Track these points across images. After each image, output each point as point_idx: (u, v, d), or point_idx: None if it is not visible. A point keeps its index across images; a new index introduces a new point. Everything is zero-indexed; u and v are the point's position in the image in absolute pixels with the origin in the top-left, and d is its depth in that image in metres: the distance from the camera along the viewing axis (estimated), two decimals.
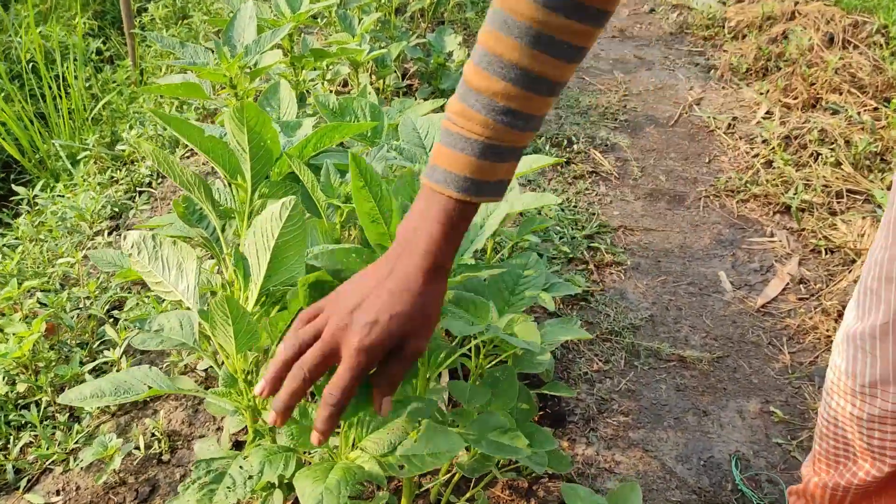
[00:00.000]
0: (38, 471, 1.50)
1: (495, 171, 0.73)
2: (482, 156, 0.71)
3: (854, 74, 3.05)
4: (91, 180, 2.52)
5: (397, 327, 0.69)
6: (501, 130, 0.71)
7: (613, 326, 1.95)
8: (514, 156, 0.74)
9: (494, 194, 0.74)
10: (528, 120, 0.72)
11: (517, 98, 0.70)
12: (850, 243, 2.23)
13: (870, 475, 1.15)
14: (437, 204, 0.73)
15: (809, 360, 1.87)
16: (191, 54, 1.62)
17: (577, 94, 3.28)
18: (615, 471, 1.54)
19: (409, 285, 0.71)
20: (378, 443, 0.83)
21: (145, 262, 0.89)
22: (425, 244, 0.72)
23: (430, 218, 0.73)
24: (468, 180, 0.72)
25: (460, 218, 0.73)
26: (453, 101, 0.73)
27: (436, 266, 0.72)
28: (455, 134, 0.72)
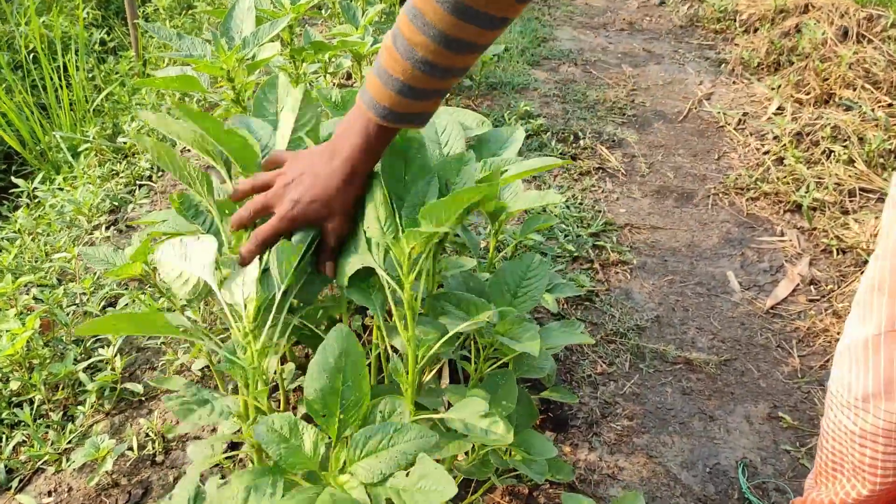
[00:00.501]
0: (31, 471, 1.48)
1: (413, 105, 0.87)
2: (400, 92, 0.85)
3: (868, 69, 2.99)
4: (91, 173, 2.49)
5: (313, 211, 0.93)
6: (419, 76, 0.83)
7: (618, 328, 1.90)
8: (433, 95, 0.87)
9: (412, 123, 0.90)
10: (446, 71, 0.84)
11: (434, 52, 0.81)
12: (862, 243, 2.18)
13: (861, 495, 1.11)
14: (361, 121, 0.90)
15: (819, 364, 1.82)
16: (188, 46, 1.59)
17: (585, 88, 3.22)
18: (618, 477, 1.50)
19: (329, 181, 0.92)
20: (369, 470, 0.79)
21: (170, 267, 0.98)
22: (347, 152, 0.92)
23: (355, 131, 0.91)
24: (386, 109, 0.87)
25: (377, 137, 0.91)
26: (388, 35, 0.85)
27: (353, 171, 0.92)
28: (382, 67, 0.85)
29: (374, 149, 0.92)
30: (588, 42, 3.76)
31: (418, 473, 0.76)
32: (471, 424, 0.93)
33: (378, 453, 0.79)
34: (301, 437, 0.81)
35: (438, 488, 0.74)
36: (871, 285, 1.02)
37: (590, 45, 3.71)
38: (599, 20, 4.07)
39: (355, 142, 0.91)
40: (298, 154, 0.98)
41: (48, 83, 2.93)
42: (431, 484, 0.75)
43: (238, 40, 1.55)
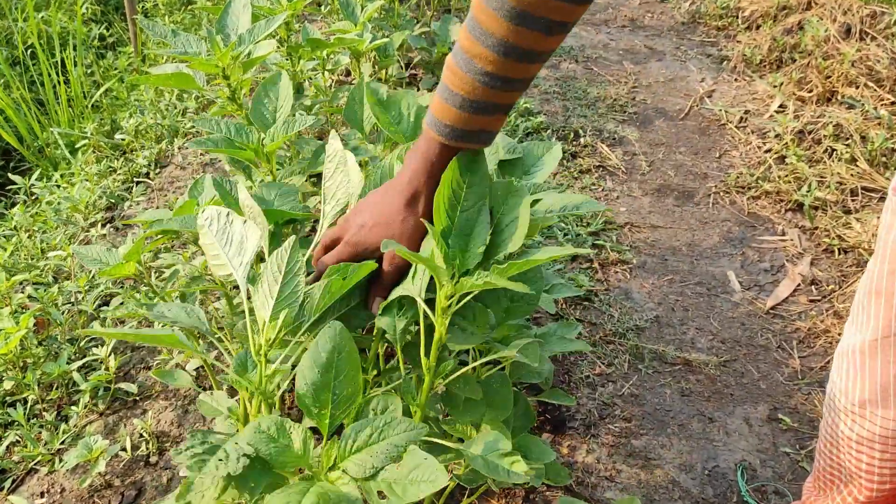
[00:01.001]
0: (24, 471, 1.47)
1: (476, 122, 0.85)
2: (461, 108, 0.84)
3: (871, 67, 2.96)
4: (88, 170, 2.47)
5: (376, 235, 0.90)
6: (480, 89, 0.82)
7: (617, 328, 1.89)
8: (494, 110, 0.85)
9: (474, 141, 0.87)
10: (507, 82, 0.82)
11: (495, 63, 0.79)
12: (864, 243, 2.16)
13: (858, 501, 1.10)
14: (424, 143, 0.89)
15: (820, 366, 1.81)
16: (183, 43, 1.57)
17: (585, 85, 3.20)
18: (616, 480, 1.49)
19: (392, 208, 0.90)
20: (360, 465, 0.78)
21: (212, 235, 0.94)
22: (409, 175, 0.90)
23: (418, 153, 0.89)
24: (448, 127, 0.85)
25: (440, 157, 0.88)
26: (450, 56, 0.84)
27: (414, 194, 0.89)
28: (445, 85, 0.85)
29: (436, 170, 0.89)
30: (589, 39, 3.74)
31: (409, 465, 0.75)
32: (492, 463, 0.91)
33: (369, 447, 0.78)
34: (289, 436, 0.81)
35: (430, 478, 0.73)
36: (869, 290, 1.01)
37: (591, 42, 3.69)
38: (601, 16, 4.05)
39: (417, 164, 0.89)
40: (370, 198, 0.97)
41: (46, 79, 2.91)
42: (423, 474, 0.74)
43: (234, 37, 1.54)
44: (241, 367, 0.91)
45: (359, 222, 0.91)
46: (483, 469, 0.88)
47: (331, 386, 0.83)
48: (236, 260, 0.92)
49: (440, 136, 0.86)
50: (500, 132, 0.95)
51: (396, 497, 0.74)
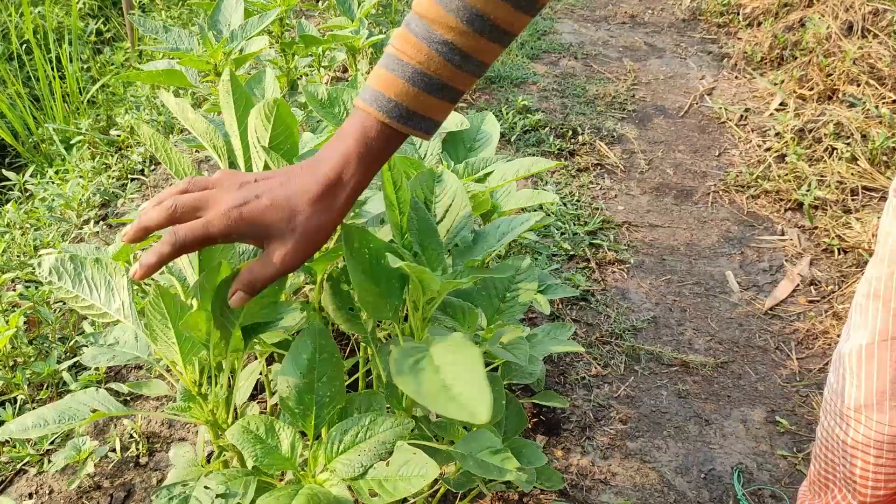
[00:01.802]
0: (12, 472, 1.45)
1: (423, 102, 0.71)
2: (412, 81, 0.70)
3: (873, 65, 2.94)
4: (83, 166, 2.45)
5: (271, 218, 0.67)
6: (437, 61, 0.69)
7: (614, 328, 1.87)
8: (445, 94, 0.72)
9: (419, 129, 0.72)
10: (466, 59, 0.70)
11: (456, 31, 0.68)
12: (864, 243, 2.14)
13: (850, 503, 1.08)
14: (357, 120, 0.71)
15: (819, 367, 1.79)
16: (175, 39, 1.56)
17: (584, 82, 3.18)
18: (611, 483, 1.47)
19: (302, 189, 0.69)
20: (348, 464, 0.76)
21: (69, 287, 0.81)
22: (335, 159, 0.70)
23: (347, 133, 0.71)
24: (392, 102, 0.70)
25: (378, 140, 0.71)
26: (402, 26, 0.72)
27: (337, 183, 0.70)
28: (391, 55, 0.71)
29: (371, 154, 0.71)
30: (589, 35, 3.71)
31: (398, 461, 0.74)
32: (482, 462, 0.89)
33: (356, 446, 0.77)
34: (278, 437, 0.79)
35: (420, 472, 0.72)
36: (867, 292, 0.99)
37: (590, 39, 3.66)
38: (601, 13, 4.02)
39: (346, 145, 0.70)
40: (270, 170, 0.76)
41: (42, 74, 2.89)
42: (413, 469, 0.72)
43: (226, 33, 1.52)
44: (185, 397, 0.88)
45: (249, 192, 0.68)
46: (474, 468, 0.86)
47: (314, 388, 0.82)
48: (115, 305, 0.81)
49: (381, 114, 0.70)
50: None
51: (388, 493, 0.72)
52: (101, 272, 0.80)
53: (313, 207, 0.68)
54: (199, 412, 0.83)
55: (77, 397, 0.77)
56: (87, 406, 0.76)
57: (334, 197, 0.70)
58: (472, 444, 0.89)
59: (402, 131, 0.71)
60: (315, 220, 0.68)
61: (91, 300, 0.80)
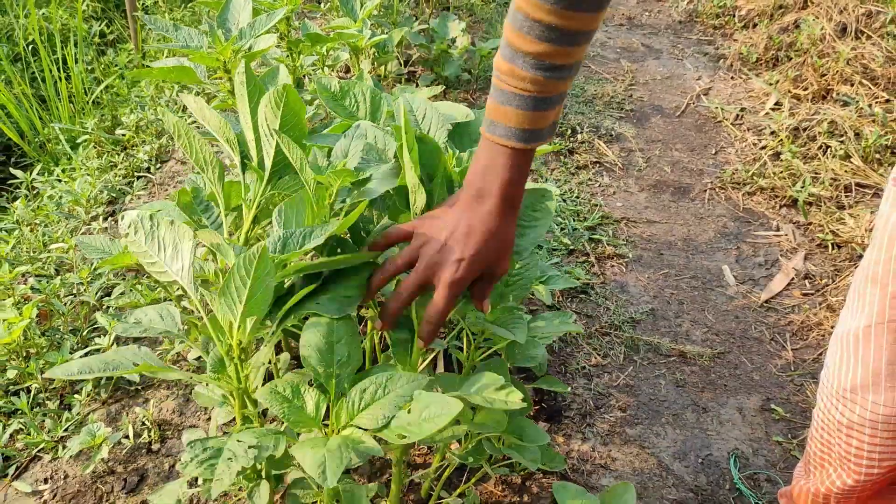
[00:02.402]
0: (27, 458, 1.49)
1: (547, 117, 0.86)
2: (535, 108, 0.84)
3: (866, 65, 2.99)
4: (90, 165, 2.49)
5: (479, 263, 0.87)
6: (549, 84, 0.83)
7: (613, 320, 1.91)
8: (560, 100, 0.87)
9: (549, 136, 0.89)
10: (571, 69, 0.84)
11: (558, 54, 0.81)
12: (857, 238, 2.19)
13: (846, 485, 1.12)
14: (503, 155, 0.86)
15: (813, 357, 1.83)
16: (184, 38, 1.59)
17: (583, 82, 3.23)
18: (611, 467, 1.51)
19: (488, 225, 0.87)
20: (371, 418, 0.81)
21: (141, 242, 0.88)
22: (499, 189, 0.87)
23: (500, 166, 0.87)
24: (526, 131, 0.85)
25: (524, 162, 0.88)
26: (500, 61, 0.84)
27: (509, 206, 0.88)
28: (508, 93, 0.84)
29: (522, 175, 0.89)
30: None
31: (419, 407, 0.78)
32: (489, 397, 0.93)
33: (376, 402, 0.81)
34: (303, 398, 0.84)
35: (444, 411, 0.76)
36: (865, 276, 1.03)
37: None
38: None
39: (506, 177, 0.87)
40: (429, 216, 0.91)
41: (47, 75, 2.93)
42: (434, 410, 0.76)
43: (234, 32, 1.56)
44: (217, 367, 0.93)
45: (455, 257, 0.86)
46: (483, 402, 0.90)
47: (333, 348, 0.87)
48: (175, 266, 0.87)
49: (521, 143, 0.86)
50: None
51: (415, 434, 0.76)
52: (171, 234, 0.87)
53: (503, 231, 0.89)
54: (228, 381, 0.88)
55: (121, 351, 0.82)
56: (129, 360, 0.80)
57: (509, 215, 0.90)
58: (477, 383, 0.93)
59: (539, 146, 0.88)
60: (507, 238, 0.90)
61: (158, 258, 0.86)
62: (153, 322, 0.91)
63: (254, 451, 0.79)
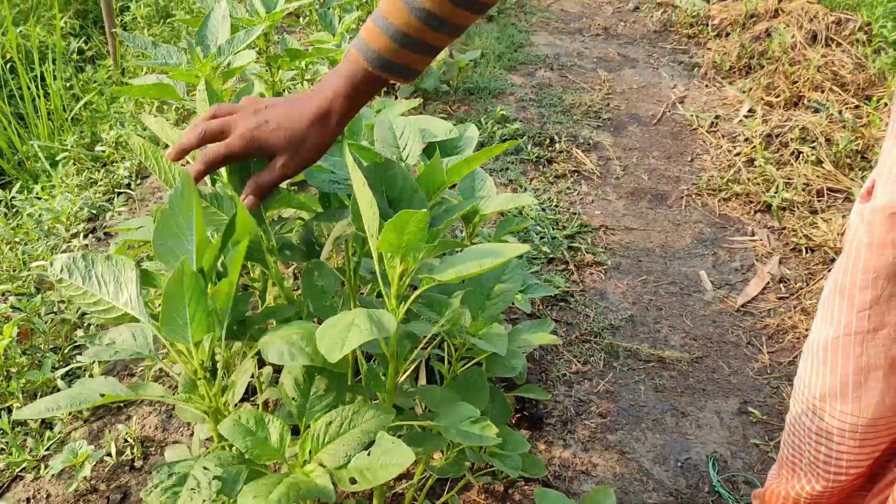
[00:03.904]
0: (9, 478, 1.48)
1: (403, 56, 0.87)
2: (393, 38, 0.86)
3: (836, 72, 3.05)
4: (69, 182, 2.49)
5: (276, 138, 0.87)
6: (415, 24, 0.85)
7: (593, 327, 1.94)
8: (423, 49, 0.88)
9: (398, 74, 0.89)
10: (441, 23, 0.85)
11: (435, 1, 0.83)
12: (830, 242, 2.24)
13: (815, 490, 1.15)
14: (348, 63, 0.89)
15: (788, 360, 1.87)
16: (164, 55, 1.60)
17: (561, 92, 3.27)
18: (592, 473, 1.53)
19: (300, 116, 0.87)
20: (333, 455, 0.81)
21: (79, 284, 0.85)
22: (326, 92, 0.89)
23: (339, 73, 0.89)
24: (376, 53, 0.87)
25: (363, 83, 0.89)
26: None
27: (327, 112, 0.88)
28: (380, 13, 0.87)
29: (355, 94, 0.89)
30: (564, 47, 3.81)
31: (379, 451, 0.78)
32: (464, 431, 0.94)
33: (341, 437, 0.81)
34: (267, 429, 0.83)
35: (398, 460, 0.76)
36: (833, 288, 1.06)
37: (566, 51, 3.76)
38: (575, 25, 4.12)
39: (337, 83, 0.88)
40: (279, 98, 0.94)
41: (25, 93, 2.92)
42: (392, 457, 0.77)
43: (213, 48, 1.57)
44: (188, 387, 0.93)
45: (260, 118, 0.87)
46: (457, 437, 0.91)
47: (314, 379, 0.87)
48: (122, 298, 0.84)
49: (366, 62, 0.87)
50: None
51: (367, 481, 0.77)
52: (110, 268, 0.84)
53: (308, 130, 0.88)
54: (201, 401, 0.88)
55: (86, 384, 0.82)
56: (96, 391, 0.81)
57: (325, 124, 0.89)
58: (452, 415, 0.94)
59: (383, 77, 0.89)
60: (309, 140, 0.88)
61: (100, 295, 0.84)
62: (125, 343, 0.90)
63: (217, 484, 0.79)
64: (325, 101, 0.88)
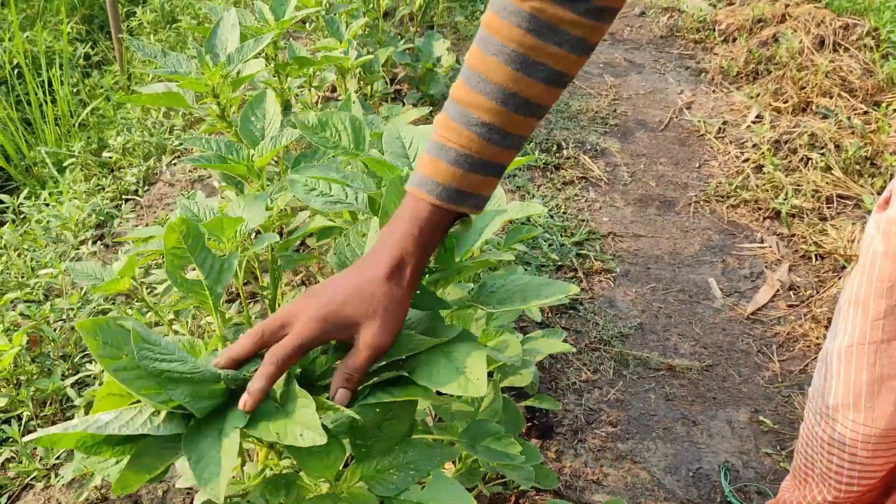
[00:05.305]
0: (19, 487, 1.48)
1: (469, 181, 0.76)
2: (456, 163, 0.75)
3: (844, 78, 3.04)
4: (77, 188, 2.49)
5: (350, 309, 0.73)
6: (476, 142, 0.75)
7: (602, 335, 1.93)
8: (489, 170, 0.77)
9: (468, 205, 0.77)
10: (504, 136, 0.75)
11: (492, 112, 0.74)
12: (840, 249, 2.23)
13: (826, 500, 1.14)
14: (411, 206, 0.77)
15: (799, 369, 1.86)
16: (173, 63, 1.60)
17: (567, 98, 3.26)
18: (603, 483, 1.53)
19: (370, 278, 0.74)
20: (384, 483, 0.79)
21: None
22: (394, 243, 0.76)
23: (403, 218, 0.77)
24: (439, 185, 0.75)
25: (430, 222, 0.76)
26: (441, 113, 0.78)
27: (400, 263, 0.75)
28: (435, 142, 0.77)
29: (425, 236, 0.76)
30: None
31: (434, 488, 0.76)
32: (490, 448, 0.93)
33: (394, 467, 0.79)
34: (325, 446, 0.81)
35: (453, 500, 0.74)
36: (848, 298, 1.06)
37: None
38: None
39: (404, 228, 0.76)
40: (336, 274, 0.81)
41: (33, 98, 2.93)
42: (446, 498, 0.75)
43: (223, 57, 1.57)
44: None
45: (327, 296, 0.74)
46: (483, 455, 0.90)
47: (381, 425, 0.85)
48: None
49: (430, 197, 0.76)
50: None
51: None
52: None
53: (385, 287, 0.74)
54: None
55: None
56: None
57: (401, 276, 0.75)
58: (477, 432, 0.93)
59: (452, 209, 0.77)
60: (390, 297, 0.74)
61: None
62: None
63: None
64: (394, 252, 0.75)
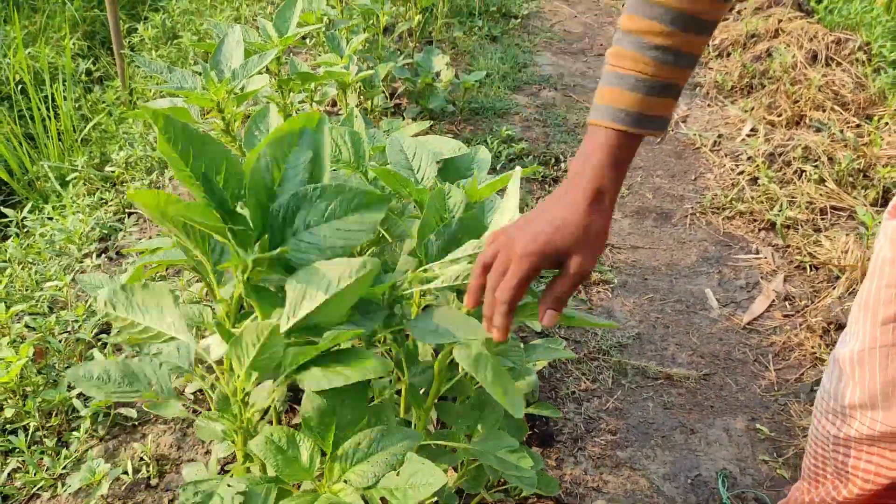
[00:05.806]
0: (26, 497, 1.50)
1: (650, 104, 0.80)
2: (634, 89, 0.79)
3: (837, 91, 3.09)
4: (80, 202, 2.52)
5: (560, 239, 0.78)
6: (651, 65, 0.79)
7: (601, 345, 1.96)
8: (667, 92, 0.81)
9: (653, 128, 0.81)
10: (677, 55, 0.80)
11: (662, 34, 0.78)
12: (834, 260, 2.26)
13: (840, 495, 1.17)
14: (599, 137, 0.81)
15: (795, 377, 1.89)
16: (178, 79, 1.63)
17: (565, 112, 3.31)
18: (603, 490, 1.55)
19: (575, 208, 0.79)
20: (362, 475, 0.83)
21: (124, 314, 0.88)
22: (590, 173, 0.80)
23: (594, 150, 0.81)
24: (623, 111, 0.80)
25: (621, 148, 0.81)
26: (611, 48, 0.82)
27: (600, 191, 0.80)
28: (611, 73, 0.81)
29: (620, 162, 0.81)
30: (567, 67, 3.86)
31: (408, 471, 0.80)
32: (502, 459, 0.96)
33: (369, 458, 0.82)
34: (298, 448, 0.85)
35: (429, 481, 0.78)
36: (860, 304, 1.09)
37: (569, 70, 3.81)
38: (578, 46, 4.18)
39: (598, 158, 0.80)
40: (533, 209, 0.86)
41: (35, 113, 2.96)
42: (421, 478, 0.78)
43: (227, 73, 1.61)
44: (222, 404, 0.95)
45: (531, 232, 0.79)
46: (494, 464, 0.93)
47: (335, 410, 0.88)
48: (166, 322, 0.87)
49: (620, 124, 0.80)
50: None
51: (398, 501, 0.79)
52: (150, 295, 0.87)
53: (589, 217, 0.79)
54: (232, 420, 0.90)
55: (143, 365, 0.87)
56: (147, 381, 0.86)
57: (601, 203, 0.80)
58: (490, 443, 0.95)
59: (640, 133, 0.81)
60: (594, 226, 0.79)
61: (145, 322, 0.87)
62: (171, 355, 0.94)
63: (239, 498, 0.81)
64: (592, 181, 0.80)
